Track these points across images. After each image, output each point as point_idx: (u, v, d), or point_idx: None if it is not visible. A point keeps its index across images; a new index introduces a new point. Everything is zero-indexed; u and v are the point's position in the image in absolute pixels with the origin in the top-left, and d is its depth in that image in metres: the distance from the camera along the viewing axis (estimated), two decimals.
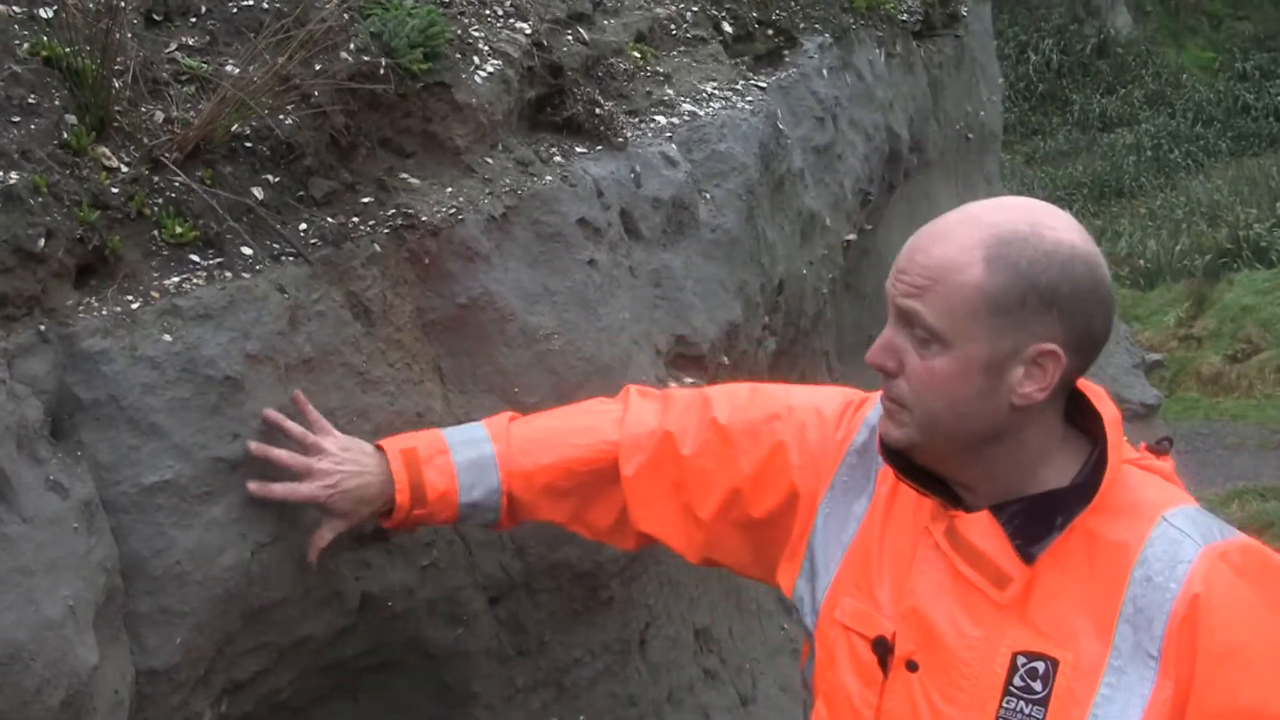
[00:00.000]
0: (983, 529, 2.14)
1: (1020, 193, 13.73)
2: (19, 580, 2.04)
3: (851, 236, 5.15)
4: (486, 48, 3.29)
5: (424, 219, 2.90)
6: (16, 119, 2.42)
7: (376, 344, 2.80)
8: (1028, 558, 2.10)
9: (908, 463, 2.23)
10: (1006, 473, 2.16)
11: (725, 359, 3.73)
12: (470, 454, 2.62)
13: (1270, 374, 17.73)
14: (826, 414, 2.47)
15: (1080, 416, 2.21)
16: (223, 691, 2.61)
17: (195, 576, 2.40)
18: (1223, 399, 17.60)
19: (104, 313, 2.36)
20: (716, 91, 4.17)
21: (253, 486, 2.50)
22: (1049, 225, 2.06)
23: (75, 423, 2.31)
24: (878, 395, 2.42)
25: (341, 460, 2.57)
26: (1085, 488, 2.12)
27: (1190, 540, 2.06)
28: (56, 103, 2.50)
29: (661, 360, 3.48)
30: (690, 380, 3.53)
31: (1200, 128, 28.97)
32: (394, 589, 2.90)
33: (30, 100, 2.46)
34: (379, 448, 2.63)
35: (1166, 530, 2.08)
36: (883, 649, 2.22)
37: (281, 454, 2.53)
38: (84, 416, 2.31)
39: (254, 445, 2.50)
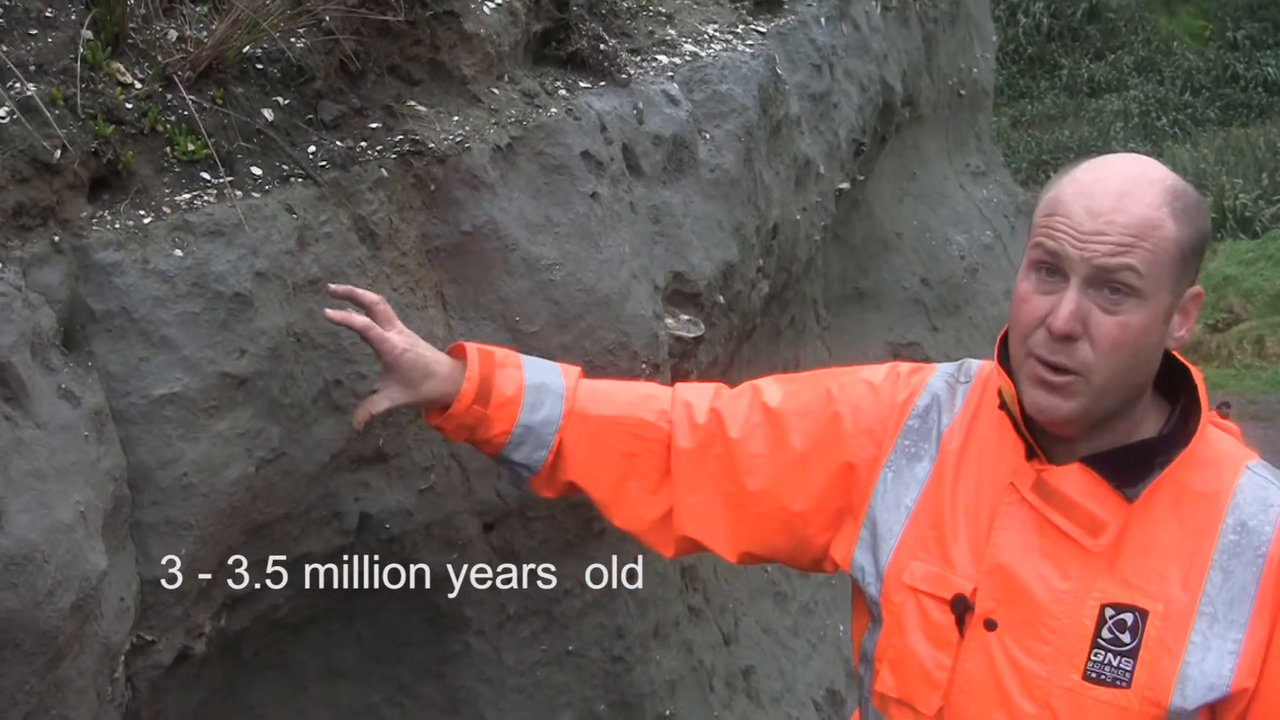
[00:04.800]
0: (1075, 479, 2.17)
1: (1005, 156, 13.73)
2: (33, 483, 2.07)
3: (845, 185, 5.18)
4: None
5: (431, 146, 2.93)
6: (34, 31, 2.44)
7: (381, 267, 2.83)
8: (1128, 497, 2.12)
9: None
10: (1122, 425, 2.18)
11: (720, 298, 3.76)
12: (541, 378, 2.59)
13: (1249, 344, 17.71)
14: (878, 384, 2.47)
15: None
16: (223, 606, 2.65)
17: (200, 489, 2.44)
18: (1202, 368, 17.56)
19: (116, 226, 2.39)
20: (717, 34, 4.20)
21: (332, 313, 2.50)
22: (1184, 179, 2.14)
23: (87, 333, 2.34)
24: (933, 366, 2.49)
25: (415, 336, 2.58)
26: (1178, 435, 2.17)
27: (1275, 486, 2.14)
28: (73, 17, 2.53)
29: (659, 296, 3.51)
30: (687, 317, 3.56)
31: (1189, 96, 28.92)
32: (392, 511, 2.94)
33: (48, 14, 2.49)
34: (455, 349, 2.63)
35: (1252, 478, 2.15)
36: (961, 607, 2.21)
37: (369, 294, 2.56)
38: (95, 327, 2.34)
39: (335, 285, 2.57)
